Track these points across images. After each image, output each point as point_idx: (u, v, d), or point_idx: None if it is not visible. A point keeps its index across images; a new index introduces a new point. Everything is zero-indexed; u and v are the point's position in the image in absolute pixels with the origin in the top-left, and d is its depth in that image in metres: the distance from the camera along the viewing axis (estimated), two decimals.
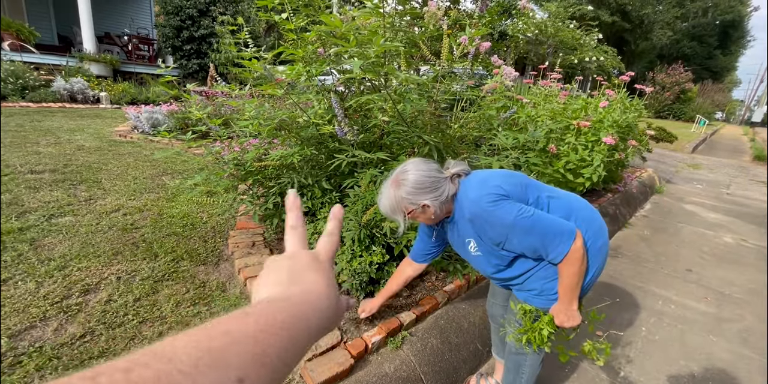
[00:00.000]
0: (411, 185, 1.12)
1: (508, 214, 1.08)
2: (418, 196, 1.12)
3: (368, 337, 1.68)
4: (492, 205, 1.09)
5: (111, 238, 2.23)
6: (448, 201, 1.17)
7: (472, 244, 1.22)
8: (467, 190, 1.16)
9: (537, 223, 1.08)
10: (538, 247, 1.10)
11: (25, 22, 8.62)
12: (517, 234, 1.09)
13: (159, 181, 3.26)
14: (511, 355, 1.51)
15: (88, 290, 1.76)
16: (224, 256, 2.23)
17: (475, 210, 1.12)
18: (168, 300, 1.77)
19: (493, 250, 1.19)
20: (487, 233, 1.14)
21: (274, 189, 2.21)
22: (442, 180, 1.15)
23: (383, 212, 1.19)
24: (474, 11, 4.91)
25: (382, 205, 1.18)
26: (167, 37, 8.96)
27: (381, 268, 1.96)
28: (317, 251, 0.40)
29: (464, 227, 1.20)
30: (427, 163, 1.16)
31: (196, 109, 2.19)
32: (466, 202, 1.15)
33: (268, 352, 0.25)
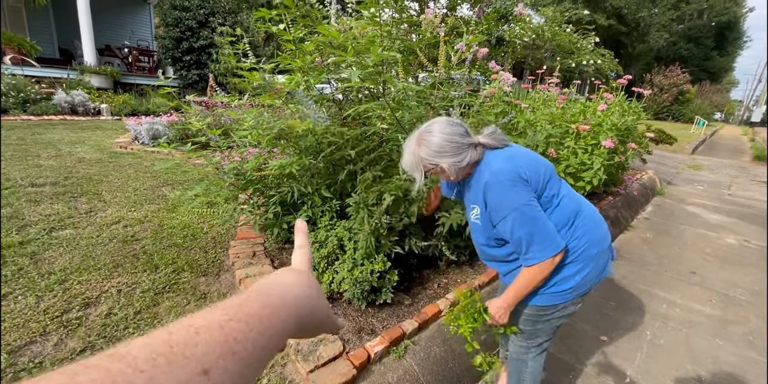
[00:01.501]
0: (432, 147, 1.12)
1: (518, 198, 1.09)
2: (437, 158, 1.13)
3: (371, 346, 1.66)
4: (509, 183, 1.10)
5: (111, 251, 2.23)
6: (468, 167, 1.17)
7: (476, 210, 1.22)
8: (492, 160, 1.16)
9: (536, 220, 1.10)
10: (522, 241, 1.11)
11: (26, 36, 8.73)
12: (514, 219, 1.10)
13: (159, 192, 3.27)
14: (513, 361, 1.50)
15: (89, 304, 1.76)
16: (225, 266, 2.22)
17: (491, 181, 1.12)
18: (169, 312, 1.76)
19: (488, 226, 1.21)
20: (491, 205, 1.15)
21: (275, 198, 2.21)
22: (465, 146, 1.14)
23: (404, 167, 1.21)
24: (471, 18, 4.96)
25: (404, 160, 1.20)
26: (167, 48, 9.05)
27: (382, 276, 1.95)
28: (294, 264, 0.42)
29: (475, 193, 1.20)
30: (453, 125, 1.15)
31: (196, 119, 2.20)
32: (486, 171, 1.15)
33: (239, 338, 0.23)
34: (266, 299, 0.29)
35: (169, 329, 0.22)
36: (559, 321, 1.31)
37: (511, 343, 1.50)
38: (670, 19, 27.75)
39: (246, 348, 0.23)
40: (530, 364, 1.44)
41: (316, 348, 1.61)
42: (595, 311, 2.49)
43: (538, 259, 1.10)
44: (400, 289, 2.14)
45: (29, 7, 8.73)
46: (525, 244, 1.11)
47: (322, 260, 2.00)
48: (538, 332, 1.35)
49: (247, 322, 0.25)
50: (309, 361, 1.53)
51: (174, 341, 0.21)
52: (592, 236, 1.21)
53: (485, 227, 1.21)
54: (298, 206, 2.28)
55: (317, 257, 2.01)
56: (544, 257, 1.09)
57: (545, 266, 1.11)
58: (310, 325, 0.34)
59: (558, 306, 1.25)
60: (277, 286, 0.32)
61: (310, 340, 1.65)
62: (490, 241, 1.25)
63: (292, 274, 0.36)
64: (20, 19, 9.59)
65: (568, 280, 1.20)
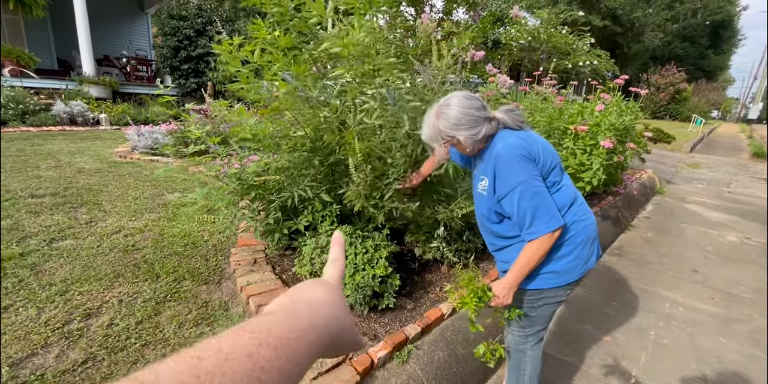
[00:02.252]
0: (450, 119, 1.18)
1: (525, 172, 1.14)
2: (454, 130, 1.19)
3: (374, 352, 1.65)
4: (519, 157, 1.15)
5: (112, 261, 2.23)
6: (483, 140, 1.23)
7: (484, 182, 1.26)
8: (506, 136, 1.21)
9: (541, 194, 1.14)
10: (526, 214, 1.14)
11: (25, 48, 8.77)
12: (521, 192, 1.14)
13: (159, 200, 3.27)
14: (512, 352, 1.54)
15: (90, 314, 1.75)
16: (226, 274, 2.22)
17: (503, 153, 1.17)
18: (170, 321, 1.75)
19: (493, 198, 1.24)
20: (500, 177, 1.18)
21: (275, 203, 2.21)
22: (481, 119, 1.19)
23: (423, 138, 1.28)
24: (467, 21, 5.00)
25: (423, 131, 1.27)
26: (165, 57, 9.10)
27: (384, 281, 1.95)
28: (325, 277, 0.40)
29: (487, 164, 1.24)
30: (470, 99, 1.21)
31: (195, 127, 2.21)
32: (500, 143, 1.20)
33: (266, 368, 0.23)
34: (293, 323, 0.28)
35: (198, 353, 0.22)
36: (552, 307, 1.37)
37: (509, 335, 1.54)
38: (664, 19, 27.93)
39: (272, 377, 0.23)
40: (529, 353, 1.48)
41: None
42: (598, 312, 2.49)
43: (541, 232, 1.13)
44: (402, 294, 2.13)
45: (27, 19, 8.79)
46: (529, 216, 1.14)
47: (324, 266, 2.00)
48: (533, 319, 1.41)
49: (276, 348, 0.24)
50: (312, 369, 1.52)
51: (202, 370, 0.21)
52: (581, 225, 1.27)
53: (489, 198, 1.26)
54: (298, 211, 2.28)
55: (318, 263, 2.01)
56: (546, 230, 1.13)
57: (545, 241, 1.15)
58: (336, 346, 0.32)
59: (550, 290, 1.30)
60: (305, 305, 0.31)
61: None
62: (491, 213, 1.29)
63: (323, 290, 0.35)
64: (18, 31, 9.66)
65: (557, 261, 1.26)
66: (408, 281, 2.26)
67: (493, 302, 1.27)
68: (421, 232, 2.35)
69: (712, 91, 27.01)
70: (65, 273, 2.05)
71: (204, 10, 8.95)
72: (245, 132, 2.18)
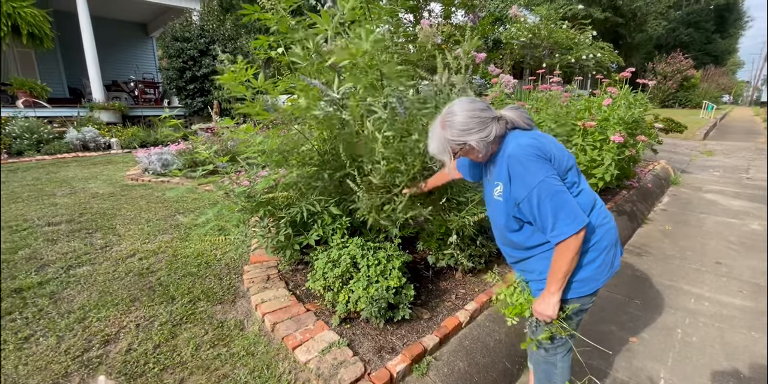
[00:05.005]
0: (457, 127, 1.14)
1: (542, 172, 1.09)
2: (464, 136, 1.14)
3: (392, 366, 1.63)
4: (533, 156, 1.11)
5: (128, 285, 2.25)
6: (495, 142, 1.18)
7: (499, 187, 1.22)
8: (518, 136, 1.18)
9: (561, 193, 1.09)
10: (548, 216, 1.09)
11: (37, 79, 9.09)
12: (540, 192, 1.08)
13: (172, 221, 3.31)
14: (540, 365, 1.47)
15: (108, 341, 1.76)
16: (240, 292, 2.22)
17: (516, 152, 1.12)
18: (187, 344, 1.76)
19: (510, 203, 1.19)
20: (515, 179, 1.14)
21: (284, 219, 2.22)
22: (489, 120, 1.15)
23: (431, 152, 1.23)
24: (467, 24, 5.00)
25: (430, 146, 1.22)
26: (171, 79, 9.31)
27: (398, 292, 1.93)
28: None
29: (499, 168, 1.20)
30: (473, 102, 1.17)
31: (204, 148, 2.24)
32: (512, 143, 1.16)
33: None
34: None
35: None
36: (579, 316, 1.31)
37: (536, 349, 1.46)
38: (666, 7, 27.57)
39: None
40: (560, 365, 1.41)
41: (337, 371, 1.58)
42: (621, 311, 2.41)
43: (566, 234, 1.08)
44: (418, 304, 2.11)
45: (38, 51, 9.10)
46: (551, 218, 1.09)
47: (337, 280, 1.99)
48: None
49: None
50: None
51: None
52: (604, 229, 1.23)
53: (506, 204, 1.20)
54: (308, 226, 2.28)
55: (331, 277, 1.99)
56: (571, 231, 1.08)
57: (572, 242, 1.09)
58: None
59: (578, 299, 1.25)
60: None
61: (330, 362, 1.62)
62: (509, 221, 1.23)
63: None
64: (30, 63, 10.02)
65: (584, 268, 1.21)
66: (422, 290, 2.23)
67: (538, 311, 1.23)
68: (433, 240, 2.32)
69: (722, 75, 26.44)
70: (83, 300, 2.08)
71: (206, 30, 9.16)
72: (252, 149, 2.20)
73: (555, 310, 1.19)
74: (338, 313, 1.91)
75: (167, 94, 11.39)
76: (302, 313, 1.98)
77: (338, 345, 1.73)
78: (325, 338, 1.78)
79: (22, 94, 8.09)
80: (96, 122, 8.10)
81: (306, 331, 1.82)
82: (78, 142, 6.98)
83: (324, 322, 1.91)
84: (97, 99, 9.02)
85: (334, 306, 1.98)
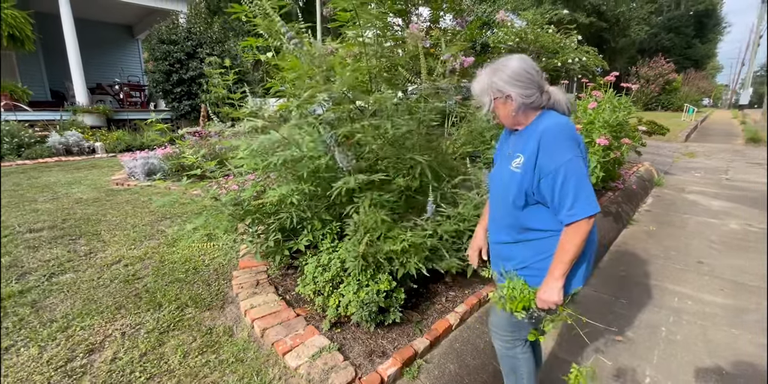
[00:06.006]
0: (508, 72, 1.13)
1: (572, 151, 1.10)
2: (509, 85, 1.14)
3: (383, 370, 1.63)
4: (569, 135, 1.11)
5: (113, 292, 2.21)
6: (530, 109, 1.18)
7: (519, 159, 1.18)
8: (555, 116, 1.18)
9: (585, 176, 1.10)
10: (568, 194, 1.08)
11: (18, 81, 8.87)
12: (567, 170, 1.08)
13: (158, 227, 3.26)
14: (504, 358, 1.48)
15: (93, 350, 1.73)
16: (229, 298, 2.20)
17: (554, 129, 1.12)
18: (175, 351, 1.73)
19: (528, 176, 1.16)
20: (545, 151, 1.11)
21: (274, 225, 2.21)
22: (536, 84, 1.15)
23: (473, 92, 1.23)
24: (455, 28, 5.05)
25: (474, 86, 1.22)
26: (157, 81, 9.19)
27: (389, 296, 1.93)
28: None
29: (527, 141, 1.17)
30: (533, 63, 1.17)
31: (191, 152, 2.22)
32: (550, 120, 1.15)
33: None
34: None
35: None
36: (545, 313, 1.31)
37: (496, 341, 1.46)
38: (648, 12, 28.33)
39: None
40: (521, 356, 1.42)
41: (328, 376, 1.58)
42: (606, 310, 2.46)
43: (581, 215, 1.08)
44: (408, 307, 2.11)
45: (19, 53, 8.90)
46: (571, 197, 1.08)
47: (327, 284, 1.98)
48: (524, 325, 1.34)
49: None
50: None
51: None
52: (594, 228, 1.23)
53: (523, 177, 1.17)
54: (298, 231, 2.27)
55: (322, 281, 1.99)
56: (586, 213, 1.08)
57: (582, 226, 1.10)
58: None
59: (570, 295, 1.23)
60: None
61: (321, 367, 1.62)
62: (519, 195, 1.19)
63: None
64: (11, 65, 9.78)
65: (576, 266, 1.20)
66: (413, 293, 2.23)
67: (542, 298, 1.17)
68: None
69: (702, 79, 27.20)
70: (66, 308, 2.03)
71: (193, 33, 9.07)
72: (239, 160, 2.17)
73: (560, 295, 1.15)
74: (329, 318, 1.91)
75: (153, 98, 11.23)
76: (292, 318, 1.96)
77: (329, 350, 1.72)
78: (315, 343, 1.77)
79: (3, 97, 7.90)
80: (79, 126, 7.94)
81: (296, 337, 1.81)
82: (61, 146, 6.83)
83: (314, 326, 1.90)
84: (81, 102, 8.84)
85: (324, 310, 1.98)
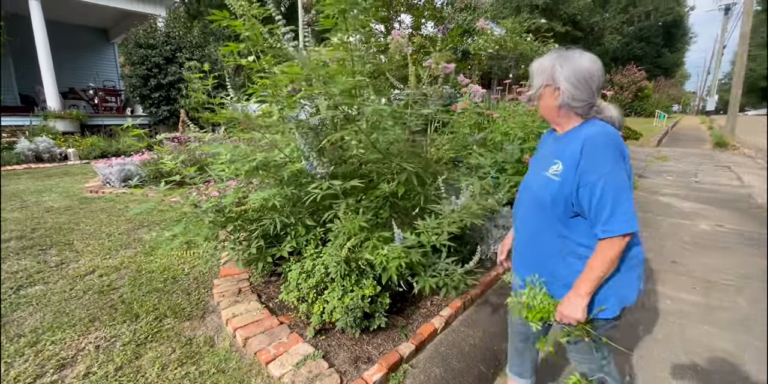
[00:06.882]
0: (571, 66, 1.09)
1: (616, 162, 1.05)
2: (564, 78, 1.09)
3: (369, 376, 1.61)
4: (615, 147, 1.06)
5: (87, 304, 2.12)
6: (575, 109, 1.13)
7: (557, 166, 1.13)
8: (605, 125, 1.11)
9: (626, 190, 1.05)
10: (605, 208, 1.03)
11: None
12: (606, 181, 1.03)
13: (136, 235, 3.16)
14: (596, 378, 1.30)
15: (64, 365, 1.64)
16: (210, 307, 2.14)
17: (599, 138, 1.06)
18: (153, 364, 1.67)
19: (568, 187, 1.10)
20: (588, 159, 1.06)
21: (257, 232, 2.17)
22: (592, 93, 1.10)
23: (531, 67, 1.17)
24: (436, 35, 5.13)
25: (535, 64, 1.16)
26: (134, 86, 8.97)
27: (374, 301, 1.92)
28: None
29: (566, 146, 1.12)
30: (602, 71, 1.11)
31: (169, 158, 2.16)
32: (594, 127, 1.10)
33: None
34: None
35: None
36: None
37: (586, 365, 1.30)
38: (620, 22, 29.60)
39: None
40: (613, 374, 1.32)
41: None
42: None
43: (617, 231, 1.02)
44: (393, 311, 2.10)
45: None
46: (608, 210, 1.03)
47: (311, 290, 1.95)
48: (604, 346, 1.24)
49: None
50: None
51: None
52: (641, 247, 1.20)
53: (562, 185, 1.10)
54: (281, 237, 2.24)
55: (306, 288, 1.96)
56: (622, 230, 1.02)
57: (617, 243, 1.04)
58: None
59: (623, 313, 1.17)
60: None
61: (305, 375, 1.59)
62: (555, 203, 1.13)
63: None
64: None
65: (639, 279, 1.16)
66: (398, 298, 2.23)
67: (564, 313, 1.11)
68: None
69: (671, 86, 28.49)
70: (35, 322, 1.94)
71: (172, 37, 8.92)
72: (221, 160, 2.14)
73: (584, 313, 1.09)
74: (313, 325, 1.88)
75: (130, 103, 10.96)
76: (276, 326, 1.93)
77: (313, 357, 1.70)
78: (299, 351, 1.74)
79: None
80: (51, 132, 7.66)
81: (280, 345, 1.78)
82: (30, 152, 6.56)
83: (298, 334, 1.87)
84: (52, 107, 8.54)
85: (308, 317, 1.95)
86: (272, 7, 1.73)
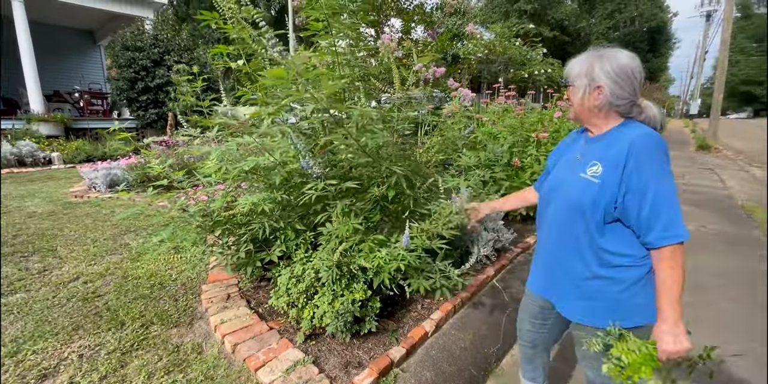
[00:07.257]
0: (613, 64, 1.04)
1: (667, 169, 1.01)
2: (606, 77, 1.04)
3: (359, 381, 1.60)
4: (664, 152, 1.01)
5: (70, 312, 2.07)
6: (614, 113, 1.09)
7: (597, 168, 1.06)
8: (646, 126, 1.07)
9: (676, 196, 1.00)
10: (660, 215, 0.97)
11: None
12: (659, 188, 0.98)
13: (122, 240, 3.10)
14: None
15: (46, 375, 1.60)
16: (198, 313, 2.11)
17: (649, 142, 1.00)
18: (139, 372, 1.63)
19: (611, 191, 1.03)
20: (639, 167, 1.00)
21: (246, 236, 2.15)
22: (633, 90, 1.05)
23: (567, 68, 1.13)
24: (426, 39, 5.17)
25: (572, 66, 1.12)
26: (121, 89, 8.85)
27: (364, 305, 1.91)
28: None
29: (606, 147, 1.07)
30: (641, 67, 1.06)
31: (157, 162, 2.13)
32: (638, 129, 1.05)
33: None
34: None
35: None
36: None
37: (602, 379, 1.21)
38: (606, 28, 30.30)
39: None
40: None
41: None
42: None
43: (681, 237, 0.97)
44: (384, 315, 2.10)
45: None
46: (664, 217, 0.97)
47: (301, 295, 1.94)
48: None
49: None
50: None
51: None
52: None
53: (603, 189, 1.03)
54: (270, 242, 2.22)
55: (295, 292, 1.94)
56: (686, 236, 0.97)
57: (678, 251, 0.98)
58: None
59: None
60: None
61: (295, 381, 1.57)
62: (596, 208, 1.05)
63: None
64: None
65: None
66: (388, 302, 2.22)
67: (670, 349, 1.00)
68: None
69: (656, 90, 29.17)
70: (15, 331, 1.88)
71: (160, 39, 8.83)
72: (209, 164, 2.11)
73: (687, 341, 1.00)
74: (303, 330, 1.86)
75: (117, 106, 10.79)
76: (265, 332, 1.90)
77: (303, 363, 1.68)
78: (289, 357, 1.72)
79: None
80: (34, 135, 7.50)
81: (269, 351, 1.75)
82: (12, 156, 6.41)
83: (288, 339, 1.85)
84: (36, 110, 8.36)
85: (298, 322, 1.93)
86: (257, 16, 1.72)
